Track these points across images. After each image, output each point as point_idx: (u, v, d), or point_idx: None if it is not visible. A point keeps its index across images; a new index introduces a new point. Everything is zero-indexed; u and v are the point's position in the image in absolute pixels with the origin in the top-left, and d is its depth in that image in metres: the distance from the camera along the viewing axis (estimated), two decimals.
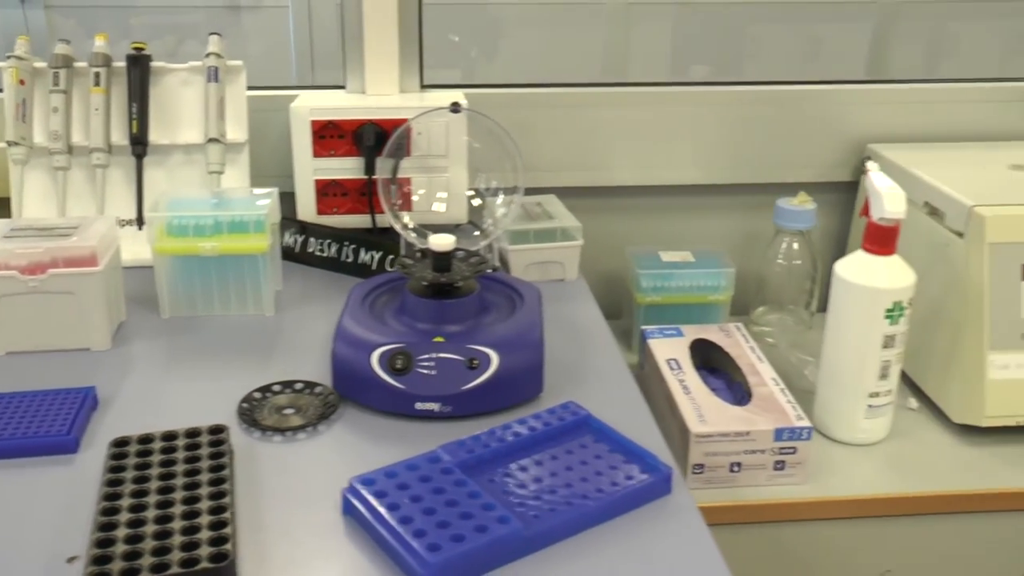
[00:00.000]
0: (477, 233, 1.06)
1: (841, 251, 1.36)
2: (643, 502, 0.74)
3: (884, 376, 1.04)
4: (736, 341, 1.13)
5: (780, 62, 2.64)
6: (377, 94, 1.25)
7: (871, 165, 1.05)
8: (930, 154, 1.29)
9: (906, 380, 1.20)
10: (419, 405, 0.84)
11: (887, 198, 1.00)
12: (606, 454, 0.78)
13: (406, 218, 1.10)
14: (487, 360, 0.85)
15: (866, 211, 1.03)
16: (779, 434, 0.97)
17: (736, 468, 0.98)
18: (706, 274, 1.22)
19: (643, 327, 1.16)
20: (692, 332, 1.15)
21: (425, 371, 0.85)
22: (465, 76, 2.19)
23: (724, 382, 1.11)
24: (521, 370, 0.87)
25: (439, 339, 0.87)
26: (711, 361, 1.14)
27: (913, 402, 1.16)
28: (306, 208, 1.21)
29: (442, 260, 0.92)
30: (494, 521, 0.67)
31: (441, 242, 0.91)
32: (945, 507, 1.02)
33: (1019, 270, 1.06)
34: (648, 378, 1.12)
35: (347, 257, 1.17)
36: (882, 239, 1.01)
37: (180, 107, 1.21)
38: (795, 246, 1.25)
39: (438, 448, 0.76)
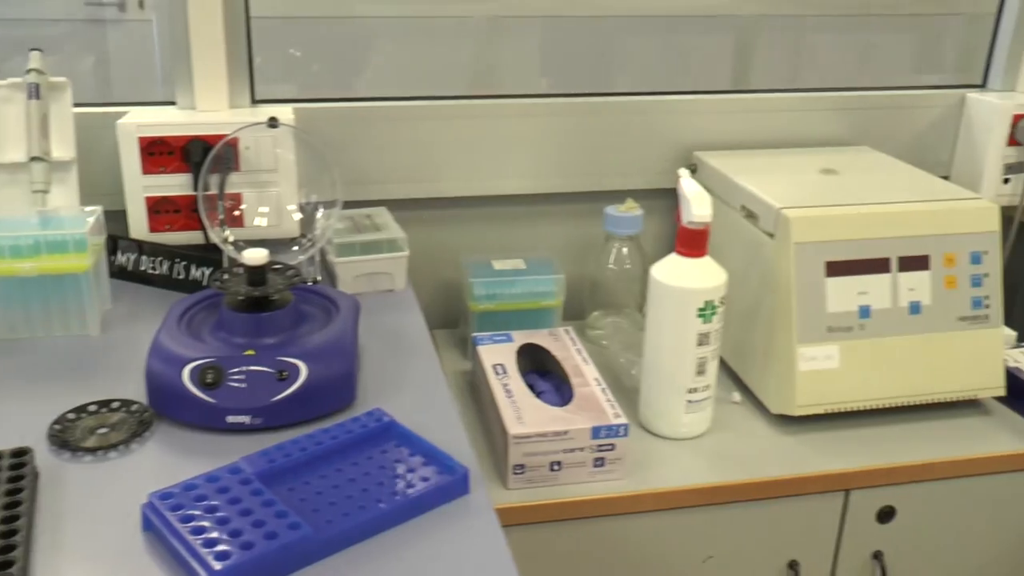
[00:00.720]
0: (296, 248, 1.08)
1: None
2: (440, 502, 0.76)
3: (701, 372, 1.09)
4: (564, 344, 1.17)
5: (650, 74, 2.71)
6: (207, 110, 1.25)
7: (682, 172, 1.10)
8: (750, 160, 1.35)
9: (731, 375, 1.25)
10: (230, 418, 0.86)
11: (694, 203, 1.05)
12: (406, 458, 0.80)
13: (228, 233, 1.11)
14: (296, 371, 0.87)
15: (679, 216, 1.08)
16: (596, 432, 1.01)
17: (557, 467, 1.01)
18: (537, 281, 1.26)
19: (474, 334, 1.19)
20: (522, 337, 1.18)
21: (236, 384, 0.86)
22: (335, 90, 2.19)
23: (553, 384, 1.14)
24: (331, 380, 0.88)
25: (250, 352, 0.88)
26: (544, 365, 1.18)
27: (737, 396, 1.22)
28: (138, 226, 1.21)
29: (256, 274, 0.93)
30: (285, 528, 0.69)
31: (254, 256, 0.92)
32: (761, 493, 1.08)
33: (823, 267, 1.12)
34: (478, 384, 1.15)
35: (179, 274, 1.17)
36: (692, 242, 1.06)
37: (3, 125, 1.19)
38: (625, 251, 1.30)
39: (240, 459, 0.77)
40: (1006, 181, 1.47)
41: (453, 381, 1.24)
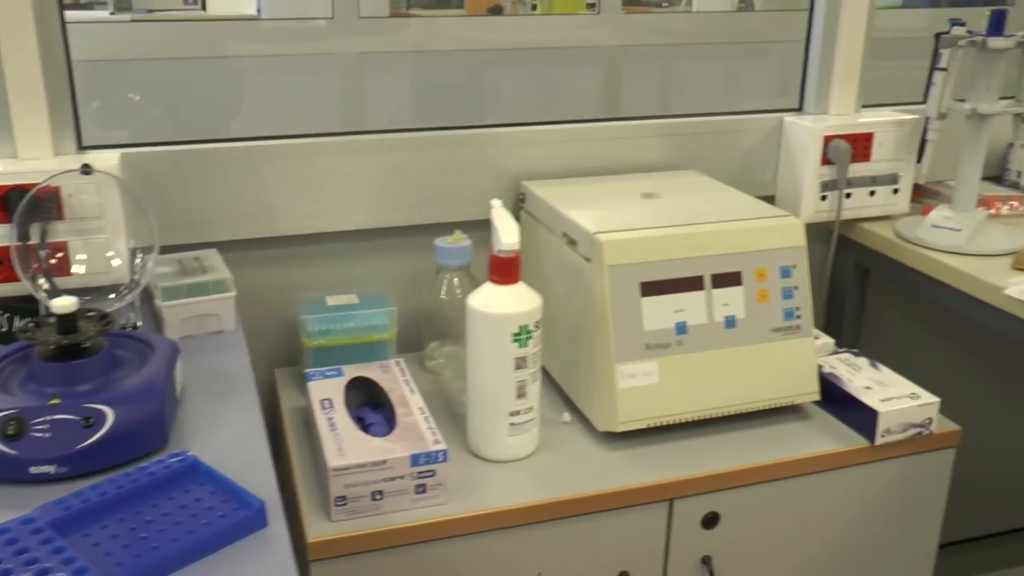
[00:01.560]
0: (112, 295, 1.09)
1: None
2: (237, 537, 0.78)
3: (522, 395, 1.13)
4: (393, 376, 1.20)
5: (523, 104, 2.79)
6: (29, 158, 1.25)
7: (495, 202, 1.15)
8: (576, 188, 1.41)
9: (563, 395, 1.30)
10: (34, 469, 0.86)
11: (502, 232, 1.09)
12: (207, 496, 0.82)
13: (42, 282, 1.11)
14: (103, 417, 0.88)
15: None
16: (416, 459, 1.04)
17: (379, 496, 1.04)
18: (370, 314, 1.29)
19: (306, 370, 1.21)
20: (352, 371, 1.21)
21: (39, 434, 0.87)
22: (178, 132, 2.20)
23: (384, 416, 1.17)
24: (139, 424, 0.90)
25: (55, 401, 0.89)
26: (377, 397, 1.21)
27: (567, 416, 1.26)
28: None
29: (66, 322, 0.94)
30: (71, 574, 0.70)
31: (62, 304, 0.94)
32: (586, 508, 1.12)
33: (638, 288, 1.18)
34: (309, 419, 1.17)
35: (2, 326, 1.17)
36: (504, 269, 1.11)
37: None
38: (456, 281, 1.34)
39: (34, 509, 0.79)
40: (823, 198, 1.55)
41: (291, 417, 1.26)
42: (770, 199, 1.61)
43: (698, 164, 1.55)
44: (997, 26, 1.43)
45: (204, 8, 2.96)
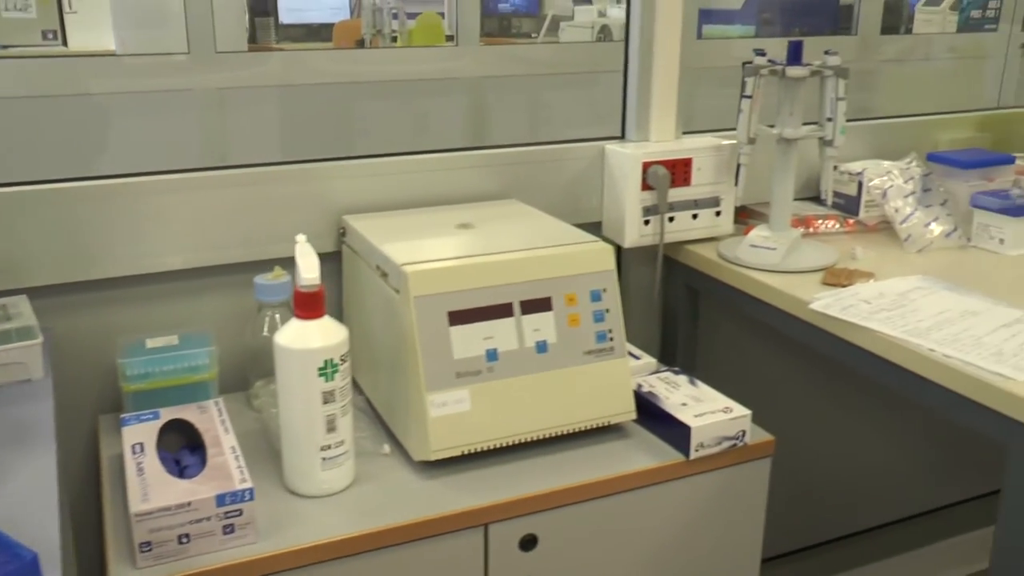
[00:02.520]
0: None
1: (338, 315, 1.49)
2: None
3: (332, 429, 1.16)
4: (210, 416, 1.22)
5: (391, 136, 2.83)
6: None
7: (299, 238, 1.18)
8: (394, 221, 1.45)
9: (384, 427, 1.33)
10: None
11: (302, 268, 1.12)
12: None
13: None
14: None
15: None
16: (221, 500, 1.06)
17: (185, 539, 1.05)
18: (191, 355, 1.30)
19: (121, 416, 1.22)
20: (169, 413, 1.22)
21: None
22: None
23: (200, 457, 1.19)
24: None
25: None
26: (196, 439, 1.22)
27: (386, 447, 1.29)
28: None
29: None
30: None
31: None
32: (400, 538, 1.15)
33: (446, 317, 1.22)
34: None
35: None
36: (307, 304, 1.14)
37: None
38: (277, 317, 1.36)
39: None
40: (647, 222, 1.62)
41: (109, 465, 1.27)
42: (597, 225, 1.68)
43: (522, 193, 1.61)
44: (795, 56, 1.53)
45: (65, 44, 2.94)
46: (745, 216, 1.79)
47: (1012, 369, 1.23)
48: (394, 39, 3.46)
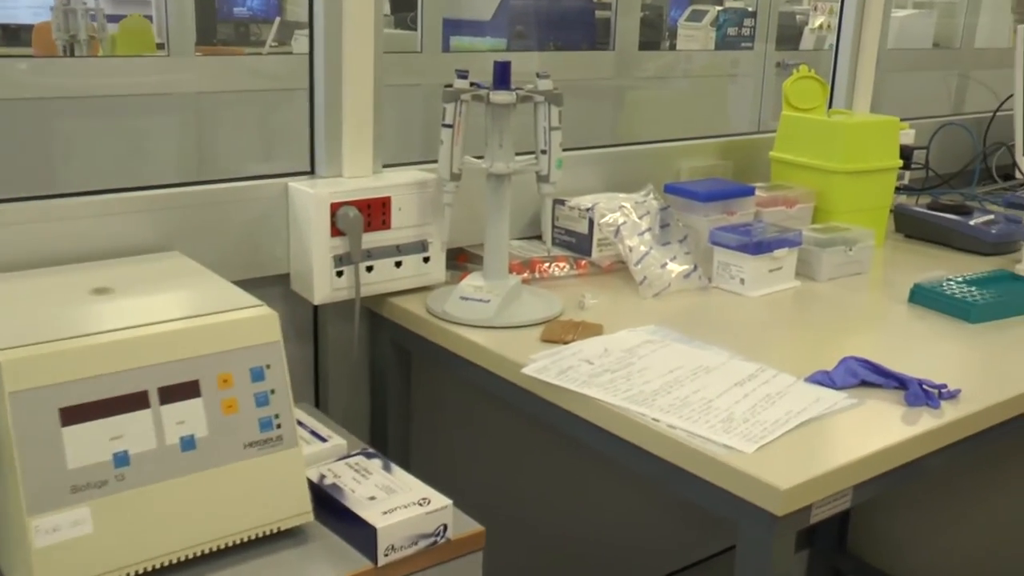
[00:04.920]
0: None
1: None
2: None
3: None
4: None
5: (98, 163, 2.55)
6: None
7: None
8: (4, 288, 1.23)
9: None
10: None
11: None
12: None
13: None
14: None
15: None
16: None
17: None
18: None
19: None
20: None
21: None
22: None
23: None
24: None
25: None
26: None
27: None
28: None
29: None
30: None
31: None
32: None
33: (58, 416, 1.02)
34: None
35: None
36: None
37: None
38: None
39: None
40: (340, 274, 1.47)
41: None
42: (285, 278, 1.51)
43: (188, 243, 1.41)
44: (502, 79, 1.41)
45: None
46: (464, 260, 1.68)
47: (740, 439, 1.16)
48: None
